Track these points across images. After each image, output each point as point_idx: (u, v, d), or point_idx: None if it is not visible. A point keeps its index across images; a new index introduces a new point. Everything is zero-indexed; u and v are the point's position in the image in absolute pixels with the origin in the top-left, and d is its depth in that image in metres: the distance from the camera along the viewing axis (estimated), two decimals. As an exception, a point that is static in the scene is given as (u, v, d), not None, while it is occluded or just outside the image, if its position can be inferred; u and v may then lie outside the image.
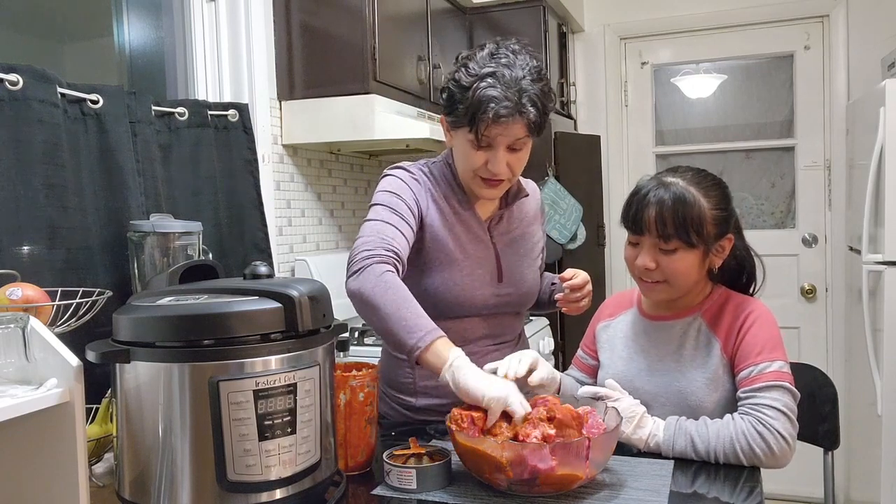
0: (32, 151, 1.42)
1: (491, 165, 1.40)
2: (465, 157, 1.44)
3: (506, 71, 1.35)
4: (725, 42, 3.47)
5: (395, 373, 1.54)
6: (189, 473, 1.01)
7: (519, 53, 1.39)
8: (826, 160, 3.36)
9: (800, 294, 3.43)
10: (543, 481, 1.09)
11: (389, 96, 2.36)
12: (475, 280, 1.49)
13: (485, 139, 1.38)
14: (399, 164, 1.53)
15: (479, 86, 1.34)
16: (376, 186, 1.49)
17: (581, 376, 1.59)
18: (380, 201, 1.43)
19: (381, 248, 1.33)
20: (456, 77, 1.40)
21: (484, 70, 1.36)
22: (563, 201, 2.85)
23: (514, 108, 1.34)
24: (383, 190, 1.46)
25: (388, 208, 1.41)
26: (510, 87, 1.34)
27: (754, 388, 1.30)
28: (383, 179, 1.50)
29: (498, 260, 1.54)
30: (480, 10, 3.08)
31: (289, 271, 2.41)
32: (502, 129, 1.36)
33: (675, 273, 1.37)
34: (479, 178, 1.44)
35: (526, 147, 1.43)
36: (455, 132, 1.45)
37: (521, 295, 1.57)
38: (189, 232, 1.61)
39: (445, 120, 1.47)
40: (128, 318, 1.05)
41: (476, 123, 1.35)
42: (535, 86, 1.36)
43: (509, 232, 1.57)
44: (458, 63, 1.42)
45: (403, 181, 1.48)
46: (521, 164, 1.45)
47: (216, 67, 2.25)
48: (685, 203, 1.34)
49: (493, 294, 1.52)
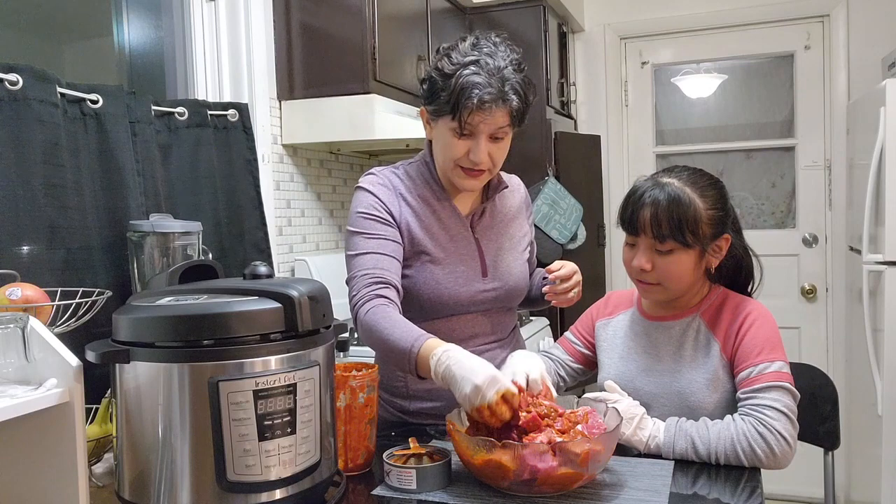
0: (32, 151, 1.42)
1: (472, 155, 1.40)
2: (445, 148, 1.43)
3: (489, 59, 1.36)
4: (726, 42, 3.47)
5: (388, 377, 1.54)
6: (189, 473, 1.01)
7: (500, 45, 1.40)
8: (826, 160, 3.36)
9: (800, 294, 3.43)
10: (543, 481, 1.09)
11: (389, 96, 2.36)
12: (458, 277, 1.49)
13: (467, 127, 1.37)
14: (369, 171, 1.54)
15: (462, 73, 1.35)
16: (353, 202, 1.50)
17: (567, 358, 1.59)
18: (357, 228, 1.45)
19: (364, 288, 1.38)
20: (438, 66, 1.40)
21: (467, 58, 1.36)
22: (563, 201, 2.85)
23: (497, 94, 1.34)
24: (356, 212, 1.47)
25: (366, 235, 1.44)
26: (493, 75, 1.35)
27: (754, 389, 1.30)
28: (354, 197, 1.51)
29: (481, 255, 1.53)
30: (480, 9, 3.08)
31: (288, 271, 2.41)
32: (485, 115, 1.36)
33: (671, 274, 1.37)
34: (460, 168, 1.43)
35: (507, 137, 1.43)
36: (436, 122, 1.44)
37: (510, 289, 1.56)
38: (189, 232, 1.61)
39: (426, 111, 1.46)
40: (127, 319, 1.05)
41: (459, 110, 1.35)
42: (517, 75, 1.37)
43: (492, 226, 1.57)
44: (439, 53, 1.42)
45: (371, 193, 1.48)
46: (503, 154, 1.45)
47: (216, 67, 2.25)
48: (680, 203, 1.34)
49: (480, 290, 1.51)
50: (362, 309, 1.35)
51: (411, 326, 1.30)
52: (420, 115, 1.50)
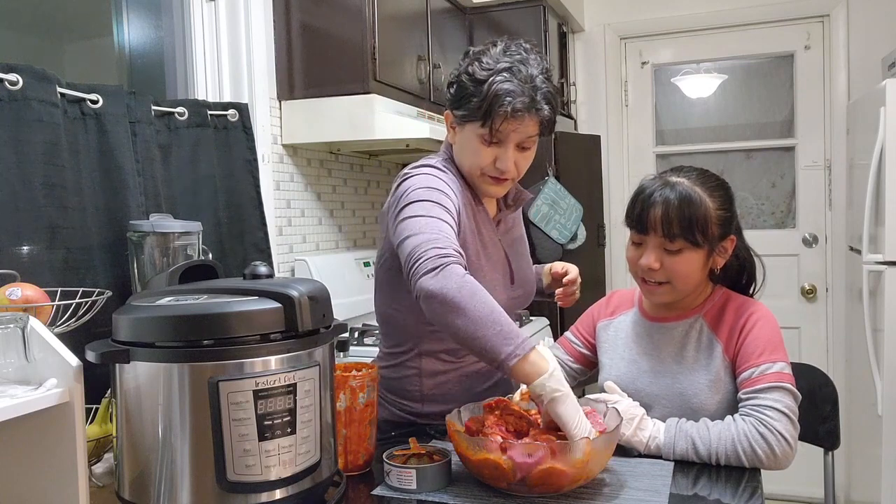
0: (32, 151, 1.42)
1: (499, 163, 1.38)
2: (472, 154, 1.40)
3: (521, 67, 1.34)
4: (726, 42, 3.47)
5: (400, 380, 1.52)
6: (189, 474, 1.01)
7: (531, 52, 1.38)
8: (826, 160, 3.36)
9: (800, 294, 3.43)
10: (542, 482, 1.09)
11: (389, 96, 2.36)
12: (495, 284, 1.46)
13: (497, 135, 1.35)
14: (423, 163, 1.44)
15: (494, 80, 1.33)
16: (402, 185, 1.38)
17: (567, 358, 1.59)
18: (425, 197, 1.31)
19: (452, 247, 1.22)
20: (469, 70, 1.37)
21: (500, 65, 1.34)
22: (563, 201, 2.85)
23: (529, 103, 1.33)
24: (424, 186, 1.34)
25: (438, 205, 1.31)
26: (525, 83, 1.33)
27: (756, 390, 1.30)
28: (418, 177, 1.38)
29: (508, 261, 1.52)
30: (480, 9, 3.08)
31: (288, 271, 2.41)
32: (516, 124, 1.34)
33: (679, 274, 1.36)
34: (488, 176, 1.42)
35: (534, 146, 1.42)
36: (462, 128, 1.41)
37: (528, 294, 1.58)
38: (189, 232, 1.61)
39: (453, 114, 1.43)
40: (127, 319, 1.05)
41: (491, 118, 1.33)
42: (548, 84, 1.36)
43: (509, 232, 1.57)
44: (469, 57, 1.40)
45: (440, 178, 1.38)
46: (528, 163, 1.44)
47: (216, 67, 2.25)
48: (691, 203, 1.33)
49: (508, 297, 1.50)
50: (459, 267, 1.19)
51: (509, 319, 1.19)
52: (444, 118, 1.47)
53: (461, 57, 1.44)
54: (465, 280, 1.18)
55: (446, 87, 1.45)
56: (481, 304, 1.16)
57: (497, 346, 1.14)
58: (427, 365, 1.49)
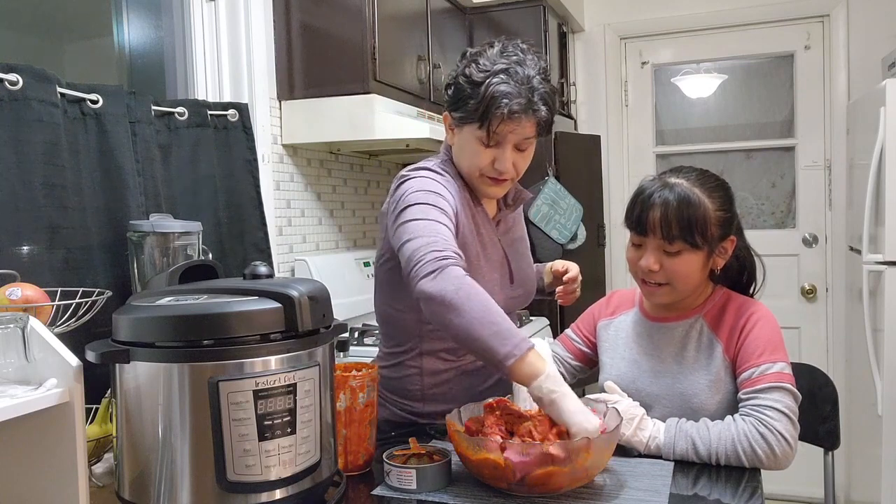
0: (32, 151, 1.42)
1: (498, 164, 1.39)
2: (471, 156, 1.41)
3: (518, 68, 1.34)
4: (726, 42, 3.47)
5: (401, 379, 1.52)
6: (189, 473, 1.01)
7: (527, 52, 1.38)
8: (826, 160, 3.36)
9: (800, 294, 3.43)
10: (542, 482, 1.09)
11: (389, 96, 2.36)
12: (494, 284, 1.46)
13: (495, 136, 1.36)
14: (420, 166, 1.45)
15: (491, 81, 1.33)
16: (399, 188, 1.39)
17: (567, 355, 1.60)
18: (423, 200, 1.33)
19: (450, 249, 1.24)
20: (466, 72, 1.37)
21: (496, 66, 1.34)
22: (563, 201, 2.85)
23: (526, 105, 1.33)
24: (421, 189, 1.35)
25: (436, 207, 1.32)
26: (522, 85, 1.33)
27: (756, 390, 1.30)
28: (415, 180, 1.39)
29: (508, 261, 1.53)
30: (480, 9, 3.08)
31: (288, 271, 2.41)
32: (514, 126, 1.34)
33: (679, 275, 1.36)
34: (486, 177, 1.42)
35: (531, 147, 1.42)
36: (460, 129, 1.41)
37: (528, 293, 1.59)
38: (189, 232, 1.61)
39: (451, 116, 1.43)
40: (127, 319, 1.05)
41: (488, 119, 1.34)
42: (545, 85, 1.36)
43: (509, 232, 1.57)
44: (466, 59, 1.40)
45: (436, 181, 1.39)
46: (526, 163, 1.44)
47: (216, 67, 2.25)
48: (690, 204, 1.33)
49: (508, 297, 1.50)
50: (457, 269, 1.20)
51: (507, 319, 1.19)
52: (443, 119, 1.47)
53: (459, 58, 1.44)
54: (462, 281, 1.19)
55: (444, 89, 1.45)
56: (478, 304, 1.16)
57: (494, 346, 1.15)
58: (428, 364, 1.49)
